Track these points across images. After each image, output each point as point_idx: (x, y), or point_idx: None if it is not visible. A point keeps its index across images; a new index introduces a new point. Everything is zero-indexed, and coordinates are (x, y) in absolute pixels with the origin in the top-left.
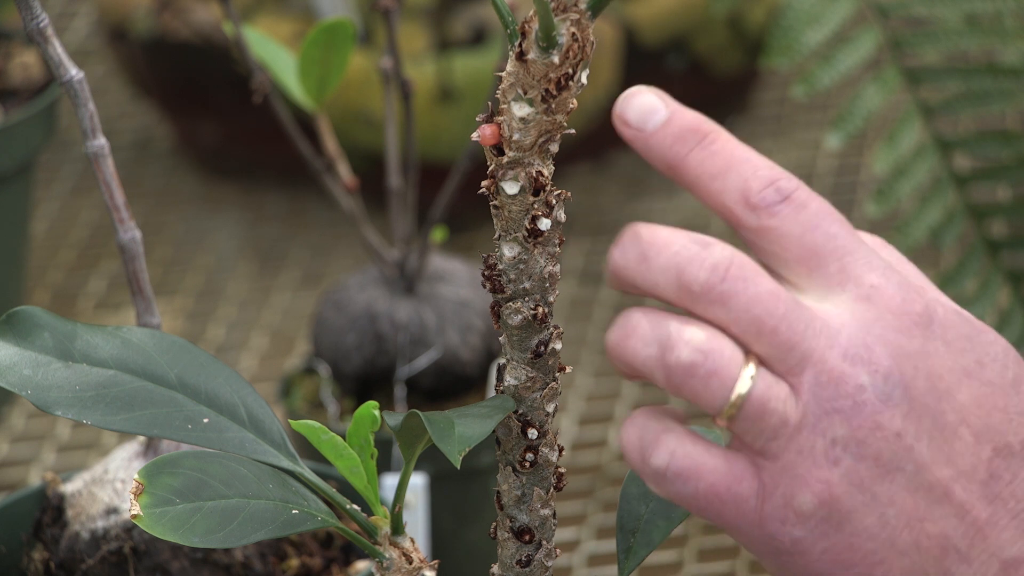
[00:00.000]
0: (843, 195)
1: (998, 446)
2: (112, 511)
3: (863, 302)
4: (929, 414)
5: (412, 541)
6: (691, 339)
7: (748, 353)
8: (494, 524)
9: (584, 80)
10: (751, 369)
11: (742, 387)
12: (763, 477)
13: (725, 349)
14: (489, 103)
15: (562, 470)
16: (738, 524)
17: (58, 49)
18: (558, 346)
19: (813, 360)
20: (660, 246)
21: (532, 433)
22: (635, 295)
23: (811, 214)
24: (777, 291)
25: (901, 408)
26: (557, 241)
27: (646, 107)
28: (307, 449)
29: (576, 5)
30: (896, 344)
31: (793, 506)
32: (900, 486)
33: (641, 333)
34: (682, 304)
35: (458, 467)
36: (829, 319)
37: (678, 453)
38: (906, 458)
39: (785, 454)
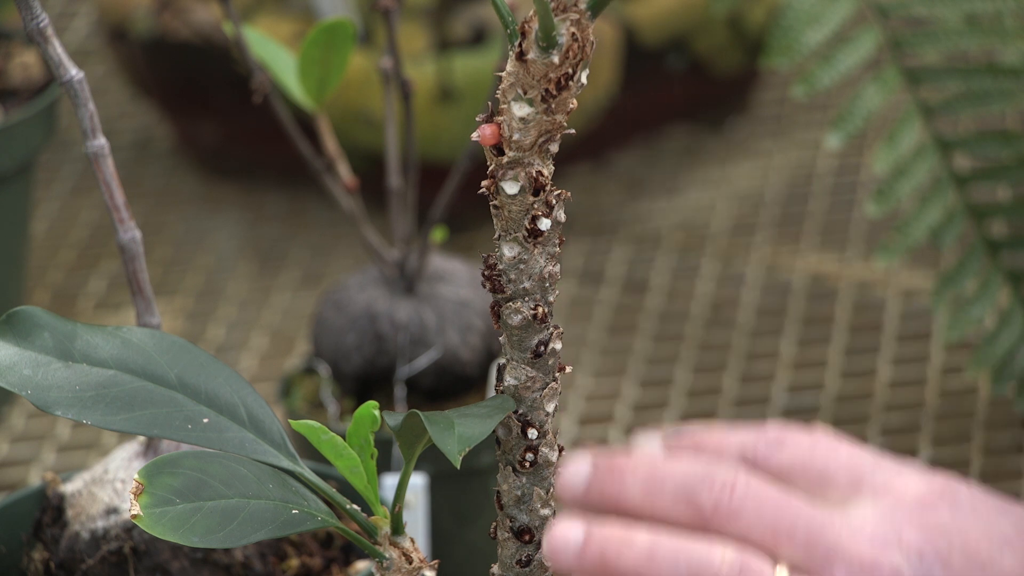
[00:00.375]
0: (843, 195)
1: None
2: (112, 511)
3: (882, 496)
4: None
5: (412, 541)
6: (724, 559)
7: (777, 562)
8: (494, 524)
9: (584, 80)
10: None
11: None
12: None
13: (752, 563)
14: (489, 103)
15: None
16: None
17: (58, 49)
18: (558, 346)
19: (840, 552)
20: (663, 477)
21: (532, 433)
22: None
23: (803, 450)
24: (786, 496)
25: None
26: (557, 241)
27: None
28: (307, 449)
29: (576, 5)
30: (923, 521)
31: None
32: None
33: (665, 558)
34: (693, 525)
35: (458, 467)
36: (849, 517)
37: None
38: None
39: None
